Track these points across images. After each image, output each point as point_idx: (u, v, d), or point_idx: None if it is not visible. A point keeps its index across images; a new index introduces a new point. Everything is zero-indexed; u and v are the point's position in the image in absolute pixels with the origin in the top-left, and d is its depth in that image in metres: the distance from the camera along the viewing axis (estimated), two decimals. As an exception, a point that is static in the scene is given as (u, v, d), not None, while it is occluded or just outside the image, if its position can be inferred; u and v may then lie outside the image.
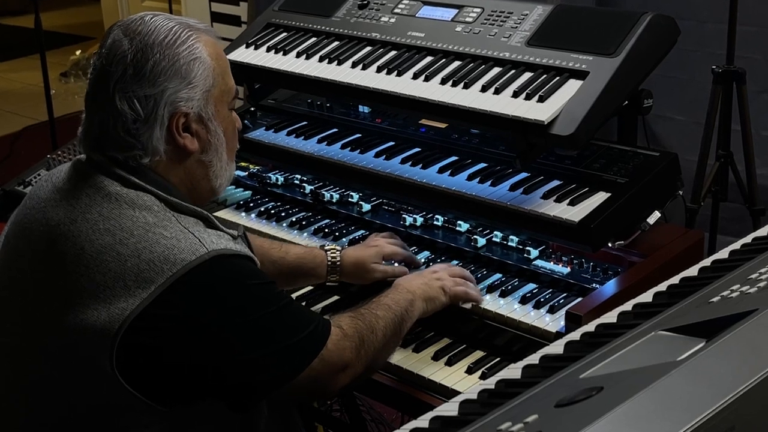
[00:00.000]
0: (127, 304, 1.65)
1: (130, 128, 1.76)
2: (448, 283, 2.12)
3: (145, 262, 1.67)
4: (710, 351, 1.04)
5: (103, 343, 1.65)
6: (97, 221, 1.72)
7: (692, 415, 0.88)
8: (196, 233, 1.72)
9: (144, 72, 1.74)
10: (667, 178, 2.32)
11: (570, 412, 0.97)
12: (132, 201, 1.74)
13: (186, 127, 1.80)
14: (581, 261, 2.22)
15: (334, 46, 2.71)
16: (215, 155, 1.86)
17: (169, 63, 1.76)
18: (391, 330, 1.95)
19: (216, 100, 1.83)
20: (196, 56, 1.79)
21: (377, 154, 2.59)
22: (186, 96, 1.77)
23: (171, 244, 1.68)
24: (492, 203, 2.29)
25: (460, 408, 1.19)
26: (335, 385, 1.84)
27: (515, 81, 2.31)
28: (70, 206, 1.76)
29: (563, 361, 1.21)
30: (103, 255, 1.69)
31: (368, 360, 1.88)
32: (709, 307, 1.26)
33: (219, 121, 1.84)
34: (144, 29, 1.77)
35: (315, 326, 1.81)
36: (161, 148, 1.78)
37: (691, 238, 2.29)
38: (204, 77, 1.79)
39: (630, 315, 1.42)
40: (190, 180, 1.85)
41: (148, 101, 1.75)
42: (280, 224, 2.59)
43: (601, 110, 2.19)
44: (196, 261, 1.68)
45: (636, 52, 2.24)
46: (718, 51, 3.61)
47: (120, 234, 1.70)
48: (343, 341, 1.84)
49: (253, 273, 1.78)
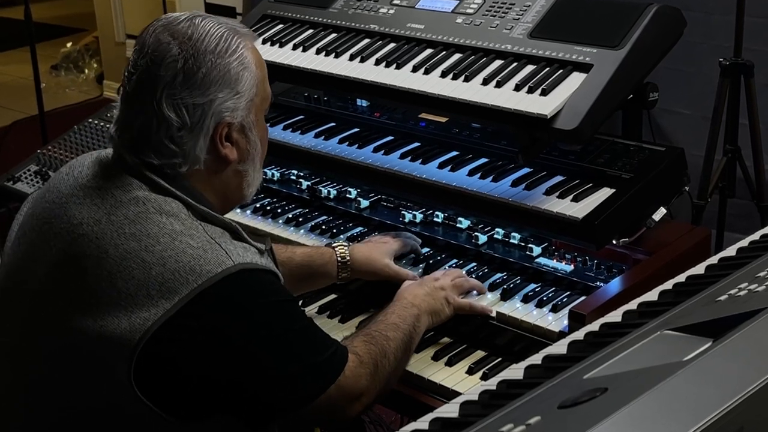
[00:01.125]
0: (150, 314, 1.64)
1: (174, 136, 1.74)
2: (451, 293, 2.12)
3: (170, 271, 1.66)
4: (717, 351, 1.04)
5: (122, 352, 1.64)
6: (122, 224, 1.71)
7: (699, 416, 0.88)
8: (222, 244, 1.71)
9: (195, 80, 1.73)
10: (673, 174, 2.31)
11: (573, 413, 0.97)
12: (160, 206, 1.73)
13: (227, 137, 1.79)
14: (585, 259, 2.22)
15: (332, 38, 2.71)
16: (251, 165, 1.86)
17: (221, 72, 1.74)
18: (402, 351, 1.95)
19: (257, 109, 1.83)
20: (245, 66, 1.78)
21: (376, 148, 2.58)
22: (232, 106, 1.77)
23: (197, 255, 1.67)
24: (493, 199, 2.29)
25: (460, 409, 1.19)
26: (349, 413, 1.83)
27: (517, 74, 2.31)
28: (94, 205, 1.75)
29: (566, 362, 1.21)
30: (127, 261, 1.67)
31: (381, 386, 1.88)
32: (716, 306, 1.26)
33: (257, 130, 1.84)
34: (195, 34, 1.75)
35: (334, 351, 1.81)
36: (202, 157, 1.77)
37: (697, 235, 2.29)
38: (250, 86, 1.79)
39: (635, 314, 1.42)
40: (224, 189, 1.85)
41: (196, 110, 1.73)
42: (276, 221, 2.59)
43: (606, 104, 2.19)
44: (221, 273, 1.67)
45: (641, 45, 2.24)
46: (726, 43, 3.61)
47: (146, 240, 1.68)
48: (359, 369, 1.83)
49: (277, 290, 1.78)
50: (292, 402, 1.75)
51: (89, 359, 1.69)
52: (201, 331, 1.67)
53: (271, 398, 1.74)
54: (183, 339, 1.66)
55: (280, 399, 1.74)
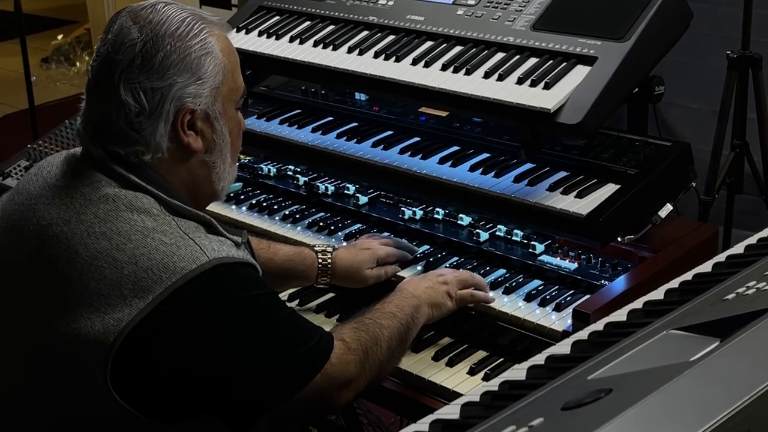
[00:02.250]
0: (123, 314, 1.64)
1: (133, 121, 1.74)
2: (454, 287, 2.11)
3: (142, 270, 1.65)
4: (725, 351, 1.04)
5: (97, 354, 1.64)
6: (92, 223, 1.70)
7: (706, 418, 0.88)
8: (196, 239, 1.71)
9: (153, 63, 1.73)
10: (680, 169, 2.32)
11: (577, 415, 0.97)
12: (130, 203, 1.72)
13: (191, 125, 1.79)
14: (589, 256, 2.22)
15: (329, 30, 2.71)
16: (219, 156, 1.85)
17: (180, 56, 1.74)
18: (397, 340, 1.94)
19: (224, 99, 1.82)
20: (208, 51, 1.78)
21: (375, 143, 2.58)
22: (194, 92, 1.76)
23: (170, 251, 1.67)
24: (495, 195, 2.29)
25: (461, 411, 1.19)
26: (338, 401, 1.84)
27: (520, 67, 2.31)
28: (63, 205, 1.74)
29: (570, 362, 1.21)
30: (98, 260, 1.67)
31: (372, 374, 1.88)
32: (724, 304, 1.26)
33: (225, 120, 1.83)
34: (155, 18, 1.76)
35: (318, 340, 1.80)
36: (164, 145, 1.76)
37: (704, 232, 2.29)
38: (214, 73, 1.78)
39: (640, 313, 1.42)
40: (192, 181, 1.84)
41: (155, 94, 1.73)
42: (272, 218, 2.59)
43: (610, 98, 2.19)
44: (196, 270, 1.66)
45: (647, 37, 2.24)
46: (733, 35, 3.62)
47: (117, 239, 1.68)
48: (347, 355, 1.83)
49: (255, 282, 1.77)
50: (276, 396, 1.75)
51: (65, 364, 1.69)
52: (177, 329, 1.66)
53: (253, 394, 1.73)
54: (159, 338, 1.65)
55: (264, 394, 1.74)
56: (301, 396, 1.76)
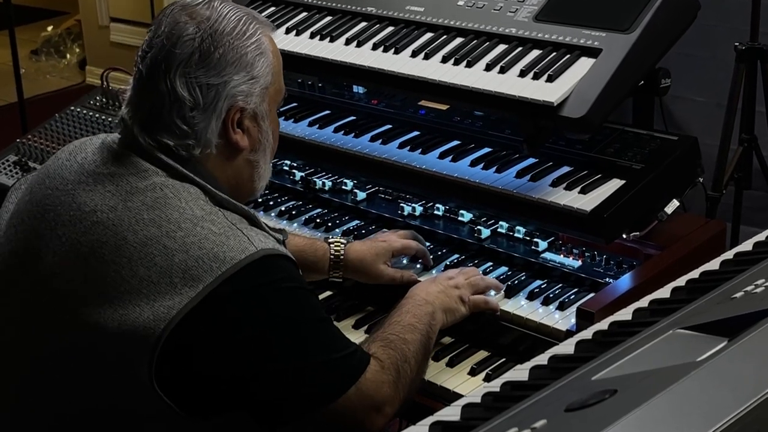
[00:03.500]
0: (174, 302, 1.65)
1: (187, 115, 1.77)
2: (466, 291, 2.11)
3: (193, 258, 1.67)
4: (732, 351, 1.04)
5: (145, 343, 1.65)
6: (140, 210, 1.72)
7: (713, 420, 0.88)
8: (243, 230, 1.74)
9: (211, 60, 1.77)
10: (686, 164, 2.32)
11: (581, 416, 0.97)
12: (178, 192, 1.75)
13: (239, 123, 1.83)
14: (593, 254, 2.22)
15: (326, 21, 2.71)
16: (263, 156, 1.90)
17: (237, 54, 1.79)
18: (422, 354, 1.94)
19: (270, 99, 1.87)
20: (262, 51, 1.83)
21: (373, 138, 2.58)
22: (246, 90, 1.81)
23: (220, 241, 1.70)
24: (497, 191, 2.29)
25: (462, 412, 1.19)
26: (370, 424, 1.81)
27: (522, 59, 2.31)
28: (108, 192, 1.76)
29: (574, 362, 1.21)
30: (148, 247, 1.69)
31: (404, 393, 1.86)
32: (732, 303, 1.26)
33: (270, 120, 1.88)
34: (213, 15, 1.80)
35: (354, 350, 1.81)
36: (214, 141, 1.80)
37: (712, 229, 2.30)
38: (265, 74, 1.84)
39: (646, 312, 1.42)
40: (236, 179, 1.88)
41: (210, 90, 1.78)
42: (269, 214, 2.59)
43: (615, 91, 2.19)
44: (245, 260, 1.69)
45: (652, 28, 2.24)
46: (742, 26, 3.61)
47: (167, 226, 1.70)
48: (382, 374, 1.82)
49: (298, 277, 1.80)
50: (309, 398, 1.75)
51: (104, 354, 1.69)
52: (223, 319, 1.68)
53: (288, 391, 1.73)
54: (205, 328, 1.67)
55: (298, 393, 1.74)
56: (333, 410, 1.75)
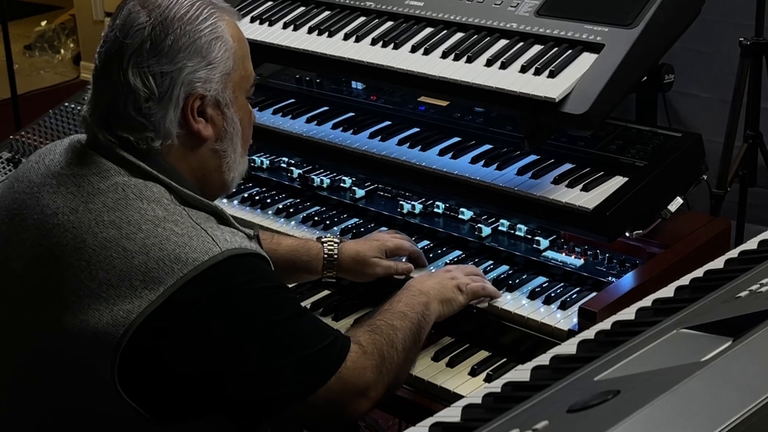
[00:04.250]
0: (133, 306, 1.64)
1: (143, 107, 1.76)
2: (464, 280, 2.11)
3: (153, 260, 1.66)
4: (737, 351, 1.04)
5: (105, 348, 1.64)
6: (101, 212, 1.71)
7: (718, 421, 0.88)
8: (208, 230, 1.72)
9: (162, 47, 1.76)
10: (690, 161, 2.32)
11: (584, 418, 0.97)
12: (140, 192, 1.74)
13: (201, 112, 1.81)
14: (596, 252, 2.22)
15: (325, 16, 2.71)
16: (230, 145, 1.87)
17: (190, 39, 1.77)
18: (411, 341, 1.93)
19: (235, 86, 1.84)
20: (218, 35, 1.81)
21: (372, 134, 2.58)
22: (204, 77, 1.79)
23: (182, 242, 1.68)
24: (498, 189, 2.28)
25: (462, 413, 1.19)
26: (355, 410, 1.82)
27: (523, 54, 2.31)
28: (70, 194, 1.76)
29: (576, 362, 1.21)
30: (107, 250, 1.68)
31: (390, 380, 1.86)
32: (737, 302, 1.26)
33: (236, 108, 1.86)
34: (164, 2, 1.79)
35: (332, 341, 1.80)
36: (174, 131, 1.79)
37: (716, 227, 2.29)
38: (225, 59, 1.81)
39: (649, 311, 1.42)
40: (202, 171, 1.86)
41: (164, 78, 1.76)
42: (265, 212, 2.59)
43: (618, 87, 2.19)
44: (209, 261, 1.67)
45: (656, 23, 2.24)
46: (747, 21, 3.61)
47: (126, 228, 1.69)
48: (363, 360, 1.82)
49: (268, 276, 1.78)
50: (284, 399, 1.75)
51: (70, 358, 1.69)
52: (187, 322, 1.67)
53: (261, 395, 1.73)
54: (168, 331, 1.66)
55: (272, 396, 1.74)
56: (314, 401, 1.75)
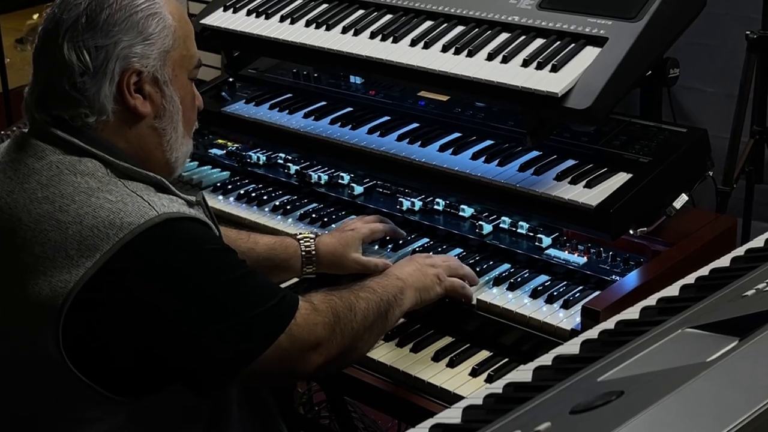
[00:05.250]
0: (71, 275, 1.66)
1: (77, 81, 1.78)
2: (444, 271, 2.12)
3: (87, 228, 1.68)
4: (744, 351, 1.04)
5: (48, 321, 1.66)
6: (35, 190, 1.74)
7: (724, 423, 0.88)
8: (144, 196, 1.74)
9: (98, 21, 1.77)
10: (696, 157, 2.31)
11: (587, 419, 0.97)
12: (74, 167, 1.76)
13: (138, 89, 1.82)
14: (599, 250, 2.22)
15: (322, 9, 2.70)
16: (170, 124, 1.88)
17: (126, 14, 1.79)
18: (374, 313, 1.95)
19: (175, 64, 1.85)
20: (155, 11, 1.82)
21: (371, 130, 2.58)
22: (141, 52, 1.80)
23: (117, 208, 1.70)
24: (499, 185, 2.28)
25: (463, 415, 1.19)
26: (307, 365, 1.85)
27: (525, 48, 2.31)
28: (7, 178, 1.79)
29: (579, 363, 1.21)
30: (41, 224, 1.71)
31: (345, 341, 1.89)
32: (743, 301, 1.26)
33: (176, 87, 1.87)
34: None
35: (281, 299, 1.82)
36: (109, 107, 1.80)
37: (722, 225, 2.29)
38: (163, 36, 1.82)
39: (654, 311, 1.42)
40: (142, 148, 1.86)
41: (99, 52, 1.77)
42: (262, 209, 2.59)
43: (622, 81, 2.19)
44: (144, 224, 1.69)
45: (660, 16, 2.23)
46: (753, 14, 3.61)
47: (60, 201, 1.72)
48: (314, 316, 1.85)
49: (208, 238, 1.80)
50: (233, 361, 1.76)
51: (18, 339, 1.72)
52: (126, 287, 1.68)
53: (209, 358, 1.75)
54: (108, 299, 1.68)
55: (221, 360, 1.75)
56: (264, 358, 1.77)
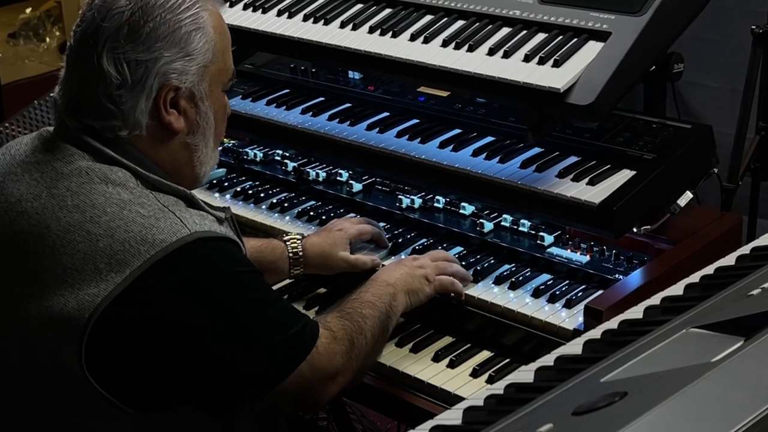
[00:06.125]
0: (99, 289, 1.65)
1: (113, 94, 1.76)
2: (432, 271, 2.13)
3: (119, 242, 1.67)
4: (749, 351, 1.04)
5: (71, 334, 1.65)
6: (64, 197, 1.72)
7: (729, 423, 0.88)
8: (177, 212, 1.73)
9: (140, 34, 1.75)
10: (700, 154, 2.31)
11: (589, 420, 0.97)
12: (105, 175, 1.74)
13: (174, 103, 1.81)
14: (602, 248, 2.22)
15: (321, 2, 2.70)
16: (202, 139, 1.87)
17: (170, 29, 1.77)
18: (379, 330, 1.97)
19: (212, 79, 1.84)
20: (200, 26, 1.80)
21: (369, 126, 2.58)
22: (180, 68, 1.78)
23: (149, 224, 1.69)
24: (500, 182, 2.28)
25: (464, 416, 1.19)
26: (324, 394, 1.86)
27: (527, 43, 2.31)
28: (33, 180, 1.77)
29: (582, 363, 1.21)
30: (70, 234, 1.69)
31: (358, 365, 1.90)
32: (748, 301, 1.26)
33: (211, 102, 1.86)
34: None
35: (303, 326, 1.82)
36: (143, 122, 1.79)
37: (727, 223, 2.29)
38: (204, 51, 1.81)
39: (658, 310, 1.42)
40: (172, 164, 1.86)
41: (139, 67, 1.75)
42: (259, 206, 2.59)
43: (625, 76, 2.19)
44: (176, 243, 1.68)
45: (665, 10, 2.23)
46: (759, 8, 3.60)
47: (91, 211, 1.70)
48: (333, 345, 1.85)
49: (238, 260, 1.79)
50: (254, 385, 1.77)
51: (39, 348, 1.70)
52: (154, 305, 1.68)
53: (230, 381, 1.75)
54: (135, 315, 1.67)
55: (242, 383, 1.76)
56: (284, 386, 1.77)
